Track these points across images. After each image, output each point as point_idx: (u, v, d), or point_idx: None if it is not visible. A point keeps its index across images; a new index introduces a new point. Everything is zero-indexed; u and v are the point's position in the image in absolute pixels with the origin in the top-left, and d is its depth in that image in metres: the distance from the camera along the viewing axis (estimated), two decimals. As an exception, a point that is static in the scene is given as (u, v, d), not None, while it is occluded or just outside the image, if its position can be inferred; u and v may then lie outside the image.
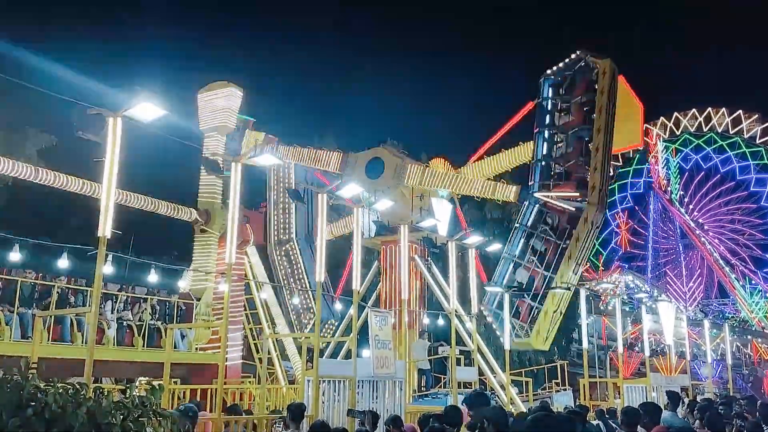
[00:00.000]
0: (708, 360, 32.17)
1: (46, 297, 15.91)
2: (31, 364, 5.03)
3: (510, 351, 21.25)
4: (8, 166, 15.75)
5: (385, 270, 25.11)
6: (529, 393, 24.01)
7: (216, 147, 21.57)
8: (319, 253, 14.15)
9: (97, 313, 10.28)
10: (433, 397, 21.02)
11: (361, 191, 18.06)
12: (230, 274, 13.03)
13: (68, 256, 17.43)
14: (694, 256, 69.45)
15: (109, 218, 9.99)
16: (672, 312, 27.79)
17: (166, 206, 19.33)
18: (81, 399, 4.60)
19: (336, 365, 15.90)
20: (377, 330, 15.00)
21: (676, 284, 67.66)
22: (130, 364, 16.81)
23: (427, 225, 22.29)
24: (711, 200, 70.25)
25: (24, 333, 14.85)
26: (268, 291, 23.62)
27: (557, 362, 29.26)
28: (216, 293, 20.19)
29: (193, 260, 21.00)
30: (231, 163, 13.36)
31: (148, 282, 19.89)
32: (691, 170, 70.42)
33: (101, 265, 9.87)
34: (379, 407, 14.05)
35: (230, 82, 22.27)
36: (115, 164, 10.25)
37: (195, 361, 18.31)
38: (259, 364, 19.26)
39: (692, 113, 68.56)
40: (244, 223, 20.77)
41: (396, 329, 19.18)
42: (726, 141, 67.82)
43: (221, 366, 12.46)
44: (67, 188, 16.78)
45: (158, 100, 10.28)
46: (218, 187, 20.96)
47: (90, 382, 9.14)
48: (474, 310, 20.23)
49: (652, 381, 21.90)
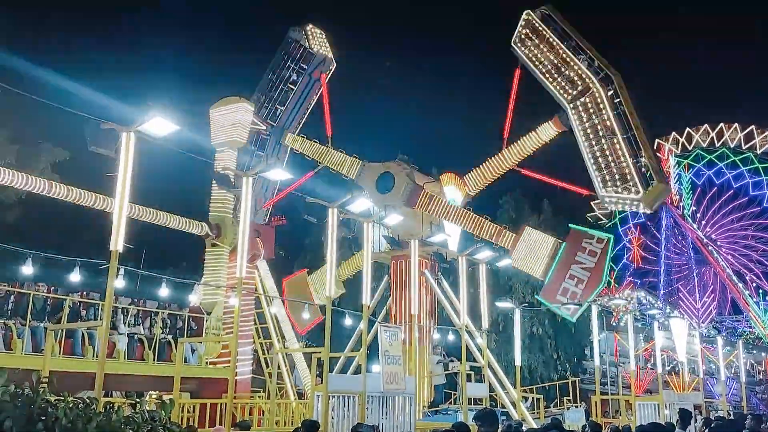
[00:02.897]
0: (721, 377, 31.80)
1: (58, 311, 15.97)
2: (42, 378, 5.05)
3: (521, 367, 21.12)
4: (22, 180, 15.89)
5: (395, 285, 25.07)
6: (541, 410, 23.82)
7: (227, 162, 21.68)
8: (329, 270, 14.16)
9: (108, 327, 10.32)
10: (443, 413, 20.89)
11: (371, 206, 18.09)
12: (240, 289, 13.06)
13: (80, 270, 17.52)
14: (707, 272, 68.83)
15: (122, 232, 10.05)
16: (685, 328, 27.57)
17: (177, 220, 19.42)
18: (91, 413, 4.61)
19: (346, 380, 15.84)
20: (387, 345, 14.96)
21: (689, 300, 67.02)
22: (141, 377, 16.81)
23: (437, 240, 22.28)
24: (724, 216, 69.72)
25: (36, 346, 14.91)
26: (278, 305, 23.63)
27: (569, 379, 29.04)
28: (226, 307, 20.22)
29: (204, 274, 21.04)
30: (242, 178, 13.42)
31: (159, 296, 19.94)
32: (704, 186, 69.92)
33: (113, 279, 9.92)
34: (389, 423, 13.98)
35: (242, 97, 22.45)
36: (127, 179, 10.33)
37: (205, 375, 18.29)
38: (268, 378, 19.24)
39: (704, 128, 68.22)
40: (255, 237, 20.81)
41: (406, 345, 19.11)
42: (738, 156, 67.34)
43: (231, 380, 12.45)
44: (79, 202, 16.91)
45: (171, 115, 10.37)
46: (229, 201, 21.05)
47: (101, 396, 9.16)
48: (485, 326, 20.14)
49: (665, 398, 21.71)
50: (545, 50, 24.31)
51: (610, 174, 22.81)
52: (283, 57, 27.44)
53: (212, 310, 20.26)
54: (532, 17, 24.89)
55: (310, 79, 27.51)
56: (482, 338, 20.82)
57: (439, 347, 25.17)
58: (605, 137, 22.94)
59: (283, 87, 27.14)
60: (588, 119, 23.30)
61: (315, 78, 27.60)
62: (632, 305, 51.50)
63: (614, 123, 22.75)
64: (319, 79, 27.65)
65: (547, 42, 24.39)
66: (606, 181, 22.88)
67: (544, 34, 24.45)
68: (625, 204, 23.67)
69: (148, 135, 10.62)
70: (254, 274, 21.89)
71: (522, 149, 24.92)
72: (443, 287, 24.65)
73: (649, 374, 42.59)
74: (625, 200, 23.22)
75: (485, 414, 6.76)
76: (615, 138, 22.73)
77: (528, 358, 36.63)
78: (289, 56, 27.34)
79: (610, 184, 22.85)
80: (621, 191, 22.69)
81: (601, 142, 22.96)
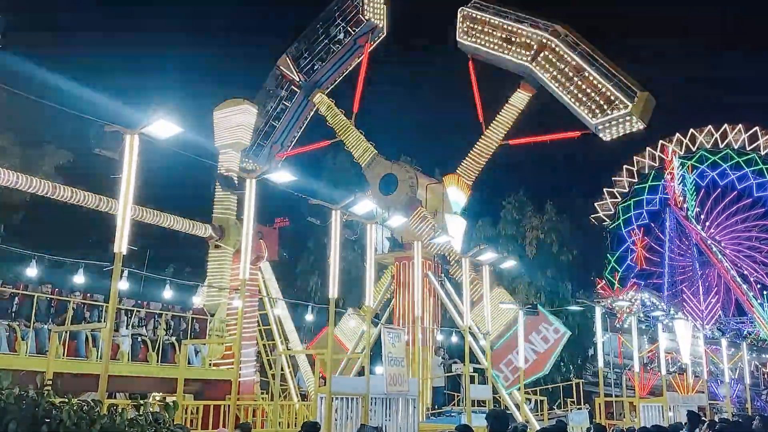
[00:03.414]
0: (726, 379, 31.72)
1: (62, 312, 16.00)
2: (46, 380, 5.06)
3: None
4: (26, 182, 15.92)
5: (398, 287, 25.06)
6: (544, 412, 23.77)
7: (231, 163, 21.69)
8: (333, 270, 14.16)
9: (112, 329, 10.33)
10: (446, 415, 20.87)
11: (374, 207, 18.10)
12: (244, 290, 13.07)
13: (84, 272, 17.55)
14: (711, 273, 68.66)
15: (126, 234, 10.07)
16: (689, 330, 27.52)
17: (180, 222, 19.42)
18: (95, 416, 4.63)
19: (349, 382, 15.84)
20: (390, 347, 14.96)
21: (693, 302, 66.89)
22: (145, 379, 16.81)
23: (440, 241, 22.26)
24: (728, 217, 69.55)
25: (40, 348, 14.93)
26: (281, 307, 23.63)
27: (573, 380, 29.00)
28: (230, 309, 20.23)
29: (207, 276, 21.06)
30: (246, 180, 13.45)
31: (163, 297, 19.96)
32: (708, 187, 69.79)
33: (117, 280, 9.94)
34: (392, 425, 13.97)
35: (245, 98, 22.47)
36: (131, 181, 10.35)
37: (208, 377, 18.30)
38: (272, 380, 19.25)
39: (708, 129, 68.08)
40: (259, 239, 20.82)
41: (409, 346, 19.11)
42: (742, 157, 67.20)
43: (234, 382, 12.46)
44: (84, 204, 16.93)
45: (175, 117, 10.39)
46: (233, 203, 21.06)
47: (104, 398, 9.17)
48: (488, 327, 20.12)
49: (669, 400, 21.64)
50: (490, 31, 26.35)
51: (594, 103, 24.31)
52: (335, 12, 26.76)
53: (216, 311, 20.27)
54: (467, 11, 26.66)
55: (355, 44, 26.82)
56: (486, 340, 20.80)
57: (441, 349, 25.15)
58: (576, 76, 24.58)
59: (327, 43, 26.51)
60: (554, 68, 25.01)
61: (360, 44, 26.83)
62: (636, 307, 51.41)
63: (579, 61, 24.51)
64: (363, 47, 26.85)
65: (488, 24, 26.39)
66: (593, 110, 24.22)
67: (484, 19, 26.43)
68: (619, 124, 24.48)
69: (152, 137, 10.65)
70: (257, 276, 21.88)
71: (501, 123, 26.29)
72: (447, 289, 24.64)
73: (653, 376, 42.51)
74: (617, 119, 24.23)
75: (497, 415, 6.81)
76: (585, 72, 24.48)
77: (531, 360, 36.53)
78: (341, 13, 26.58)
79: (598, 111, 24.17)
80: (610, 112, 23.95)
81: (575, 81, 24.60)
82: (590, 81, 24.27)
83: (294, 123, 28.23)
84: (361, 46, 26.98)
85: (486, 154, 26.38)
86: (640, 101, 23.91)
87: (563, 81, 24.72)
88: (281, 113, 27.78)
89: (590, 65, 24.38)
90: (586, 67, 24.34)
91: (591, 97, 24.25)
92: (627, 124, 24.43)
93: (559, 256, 41.04)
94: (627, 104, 23.70)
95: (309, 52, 26.84)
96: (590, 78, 24.26)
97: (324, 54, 26.73)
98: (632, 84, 24.19)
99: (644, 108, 24.27)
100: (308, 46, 26.86)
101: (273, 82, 27.94)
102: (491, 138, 26.28)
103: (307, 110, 28.04)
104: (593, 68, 24.30)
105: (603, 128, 24.58)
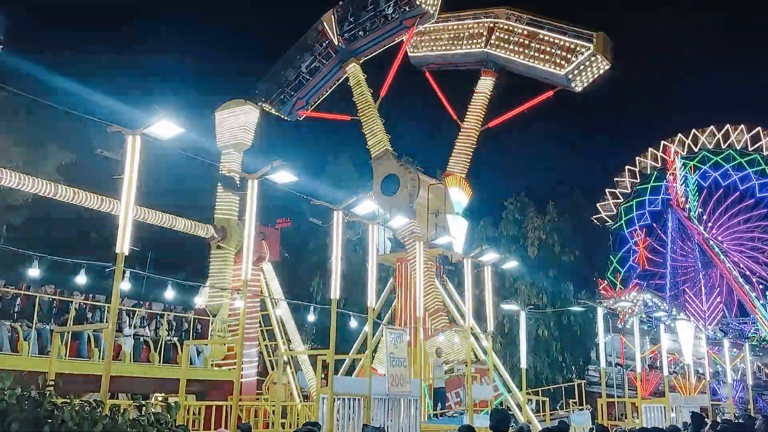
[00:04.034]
0: (728, 380, 31.67)
1: (64, 313, 16.01)
2: (48, 380, 5.06)
3: (526, 370, 21.08)
4: (29, 183, 15.94)
5: (400, 287, 25.05)
6: (546, 412, 23.75)
7: (233, 164, 21.71)
8: (334, 271, 14.16)
9: (114, 330, 10.34)
10: (448, 416, 20.83)
11: (376, 208, 18.09)
12: (246, 291, 13.07)
13: (86, 272, 17.56)
14: (713, 274, 68.56)
15: (128, 235, 10.08)
16: (691, 331, 27.46)
17: (183, 222, 19.44)
18: (97, 416, 4.62)
19: (351, 383, 15.84)
20: (392, 348, 14.95)
21: (695, 303, 66.80)
22: (147, 380, 16.82)
23: (442, 242, 22.25)
24: (730, 218, 69.46)
25: (42, 348, 14.95)
26: (283, 307, 23.64)
27: (575, 381, 28.96)
28: (232, 309, 20.24)
29: (209, 276, 21.08)
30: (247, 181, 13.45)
31: (165, 298, 19.97)
32: (710, 187, 69.70)
33: (119, 281, 9.94)
34: (394, 426, 13.97)
35: (247, 100, 22.48)
36: (133, 181, 10.36)
37: (210, 378, 18.31)
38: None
39: (710, 130, 68.01)
40: (260, 239, 20.83)
41: (411, 347, 19.10)
42: (745, 158, 67.10)
43: (236, 382, 12.46)
44: (86, 205, 16.95)
45: (176, 118, 10.40)
46: (234, 203, 21.07)
47: (106, 398, 9.18)
48: (490, 328, 20.11)
49: (671, 401, 21.61)
50: (436, 37, 28.04)
51: (557, 56, 25.88)
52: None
53: (218, 312, 20.30)
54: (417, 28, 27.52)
55: (401, 24, 26.32)
56: (487, 340, 20.79)
57: (441, 350, 25.10)
58: (532, 41, 26.20)
59: (375, 15, 26.03)
60: (509, 43, 26.77)
61: (405, 26, 26.42)
62: (638, 307, 51.34)
63: (530, 28, 26.34)
64: (408, 29, 26.53)
65: (433, 32, 28.08)
66: (558, 63, 25.76)
67: (428, 29, 27.91)
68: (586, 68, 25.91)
69: (154, 138, 10.66)
70: (259, 277, 21.90)
71: (475, 111, 27.47)
72: (448, 289, 24.62)
73: (655, 377, 42.45)
74: (584, 64, 25.72)
75: (501, 414, 6.84)
76: (539, 35, 26.18)
77: (533, 361, 36.55)
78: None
79: (563, 62, 25.72)
80: (575, 58, 25.54)
81: (532, 46, 26.18)
82: (546, 40, 25.99)
83: (323, 84, 28.12)
84: (406, 27, 26.44)
85: (469, 143, 27.35)
86: (599, 40, 25.50)
87: (521, 50, 26.41)
88: (314, 71, 27.47)
89: (541, 28, 26.15)
90: (538, 30, 26.13)
91: (552, 53, 25.91)
92: (594, 67, 25.88)
93: (561, 257, 41.00)
94: (588, 46, 25.42)
95: (355, 18, 26.28)
96: (545, 38, 26.03)
97: (368, 24, 26.13)
98: (586, 30, 25.83)
99: (605, 47, 25.84)
100: (354, 12, 26.31)
101: (313, 36, 27.44)
102: (469, 127, 27.41)
103: (338, 75, 27.73)
104: (545, 29, 26.09)
105: (573, 77, 25.91)
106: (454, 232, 24.87)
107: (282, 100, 28.21)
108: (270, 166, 12.72)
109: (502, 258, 22.43)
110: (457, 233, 25.14)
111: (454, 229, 25.14)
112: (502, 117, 28.28)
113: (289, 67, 27.92)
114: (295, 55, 27.87)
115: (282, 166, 12.66)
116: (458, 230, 25.30)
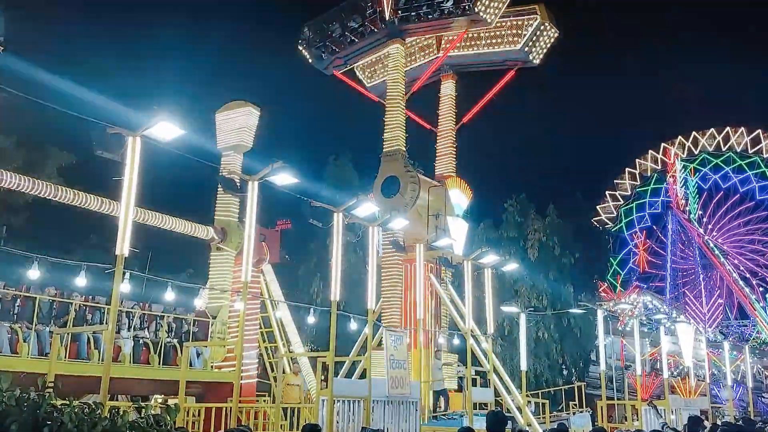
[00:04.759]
0: (728, 382, 31.65)
1: (64, 314, 16.00)
2: (47, 382, 5.05)
3: (526, 372, 21.05)
4: (28, 184, 15.93)
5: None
6: (546, 414, 23.72)
7: (233, 165, 21.69)
8: (335, 273, 14.15)
9: (114, 331, 10.32)
10: (448, 418, 20.81)
11: (376, 210, 18.08)
12: (246, 293, 13.05)
13: (86, 274, 17.53)
14: (713, 276, 68.59)
15: (127, 236, 10.06)
16: (691, 333, 27.47)
17: (183, 224, 19.41)
18: (96, 418, 4.61)
19: (350, 385, 15.81)
20: (392, 350, 14.93)
21: (695, 305, 66.83)
22: (146, 381, 16.80)
23: (442, 244, 22.23)
24: (730, 220, 69.49)
25: (42, 350, 14.94)
26: (283, 309, 23.61)
27: (575, 383, 28.94)
28: (232, 311, 20.21)
29: (209, 278, 21.05)
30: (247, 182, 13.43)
31: (165, 300, 19.93)
32: (710, 190, 69.76)
33: (118, 283, 9.93)
34: (394, 428, 13.95)
35: (248, 101, 22.43)
36: (133, 183, 10.35)
37: (210, 380, 18.28)
38: (273, 382, 19.23)
39: (710, 132, 68.07)
40: (261, 241, 20.81)
41: (411, 349, 19.06)
42: (745, 161, 67.18)
43: (236, 384, 12.43)
44: (86, 206, 16.93)
45: (176, 119, 10.39)
46: (235, 205, 21.04)
47: (106, 400, 9.17)
48: (490, 330, 20.08)
49: (671, 403, 21.59)
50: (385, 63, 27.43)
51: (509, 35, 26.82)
52: None
53: (217, 314, 20.27)
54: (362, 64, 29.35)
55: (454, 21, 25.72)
56: (487, 343, 20.76)
57: (440, 351, 25.09)
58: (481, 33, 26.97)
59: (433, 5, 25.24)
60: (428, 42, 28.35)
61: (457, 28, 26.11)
62: (638, 310, 51.36)
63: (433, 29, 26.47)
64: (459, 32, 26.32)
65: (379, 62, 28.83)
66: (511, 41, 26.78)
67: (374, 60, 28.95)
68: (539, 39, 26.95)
69: (155, 139, 10.65)
70: (260, 278, 21.87)
71: (446, 115, 28.20)
72: (449, 291, 24.59)
73: (655, 379, 42.43)
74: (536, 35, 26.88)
75: (497, 417, 6.82)
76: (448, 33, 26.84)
77: (534, 363, 36.56)
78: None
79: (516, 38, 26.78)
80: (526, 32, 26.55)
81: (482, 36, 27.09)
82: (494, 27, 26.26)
83: (366, 50, 27.75)
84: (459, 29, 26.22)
85: (449, 144, 27.95)
86: (542, 10, 26.60)
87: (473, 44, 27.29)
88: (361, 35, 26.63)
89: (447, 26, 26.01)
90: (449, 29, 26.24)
91: (503, 35, 26.75)
92: (545, 36, 27.00)
93: (561, 259, 41.02)
94: (534, 17, 26.41)
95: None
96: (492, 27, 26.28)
97: (426, 9, 25.21)
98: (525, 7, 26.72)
99: (549, 16, 26.84)
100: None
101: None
102: (444, 130, 28.11)
103: (380, 48, 27.21)
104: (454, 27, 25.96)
105: (529, 51, 26.84)
106: (454, 235, 24.86)
107: (322, 53, 27.69)
108: (270, 168, 12.70)
109: (503, 260, 22.40)
110: (457, 235, 25.13)
111: (454, 231, 25.13)
112: (473, 111, 28.87)
113: (337, 22, 27.05)
114: (345, 12, 27.03)
115: (282, 168, 12.64)
116: (459, 232, 25.28)
